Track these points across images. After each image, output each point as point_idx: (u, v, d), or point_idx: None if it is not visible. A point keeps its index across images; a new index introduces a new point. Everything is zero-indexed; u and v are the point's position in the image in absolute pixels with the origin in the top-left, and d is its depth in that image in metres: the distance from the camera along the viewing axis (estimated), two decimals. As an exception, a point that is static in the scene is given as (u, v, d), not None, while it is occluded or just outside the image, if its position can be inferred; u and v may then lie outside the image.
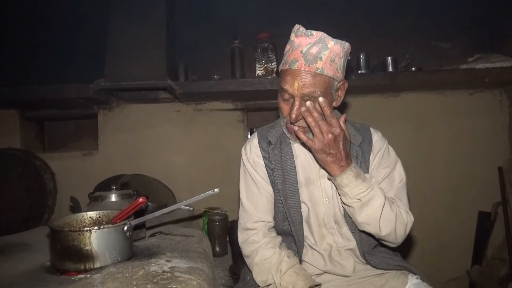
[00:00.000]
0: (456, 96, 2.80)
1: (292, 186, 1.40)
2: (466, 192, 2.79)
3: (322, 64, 1.23)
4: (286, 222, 1.42)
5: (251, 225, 1.43)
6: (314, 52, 1.23)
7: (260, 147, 1.48)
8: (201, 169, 2.78)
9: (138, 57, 2.40)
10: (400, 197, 1.40)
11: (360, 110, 2.75)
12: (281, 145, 1.45)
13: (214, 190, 1.32)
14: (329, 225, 1.41)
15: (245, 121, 2.85)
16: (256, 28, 2.75)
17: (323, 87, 1.26)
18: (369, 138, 1.45)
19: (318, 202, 1.41)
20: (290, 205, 1.39)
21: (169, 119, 2.78)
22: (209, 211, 2.35)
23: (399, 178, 1.42)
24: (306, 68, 1.23)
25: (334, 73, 1.26)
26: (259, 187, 1.46)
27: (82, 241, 1.21)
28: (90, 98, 2.47)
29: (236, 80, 2.54)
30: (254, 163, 1.47)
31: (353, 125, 1.50)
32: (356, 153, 1.40)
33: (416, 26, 2.97)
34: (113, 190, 1.70)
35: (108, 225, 1.26)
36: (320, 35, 1.24)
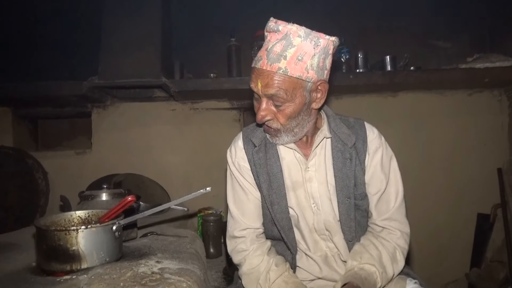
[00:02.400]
0: (456, 96, 2.77)
1: (279, 190, 1.32)
2: (465, 193, 2.77)
3: (286, 64, 1.14)
4: (275, 228, 1.36)
5: (239, 233, 1.37)
6: (278, 50, 1.14)
7: (245, 149, 1.39)
8: (197, 168, 2.74)
9: (133, 54, 2.37)
10: (398, 218, 1.34)
11: (358, 110, 2.72)
12: (266, 147, 1.36)
13: (206, 189, 1.27)
14: (320, 231, 1.34)
15: (242, 120, 2.82)
16: (253, 26, 2.70)
17: (288, 89, 1.17)
18: (363, 136, 1.36)
19: (305, 208, 1.34)
20: (277, 210, 1.32)
21: (164, 118, 2.75)
22: (204, 212, 2.32)
23: (395, 194, 1.35)
24: (268, 67, 1.15)
25: (303, 74, 1.16)
26: (246, 192, 1.38)
27: (68, 241, 1.17)
28: (84, 96, 2.44)
29: (232, 78, 2.51)
30: (240, 167, 1.39)
31: (346, 121, 1.40)
32: (350, 155, 1.32)
33: (415, 25, 2.96)
34: (104, 189, 1.66)
35: (96, 225, 1.22)
36: (287, 31, 1.15)
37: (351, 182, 1.31)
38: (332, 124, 1.36)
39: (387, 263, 1.27)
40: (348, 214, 1.31)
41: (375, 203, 1.35)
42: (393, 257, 1.30)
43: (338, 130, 1.35)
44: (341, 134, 1.34)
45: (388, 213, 1.34)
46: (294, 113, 1.22)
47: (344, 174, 1.32)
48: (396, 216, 1.34)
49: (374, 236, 1.34)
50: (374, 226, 1.37)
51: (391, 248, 1.30)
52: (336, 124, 1.36)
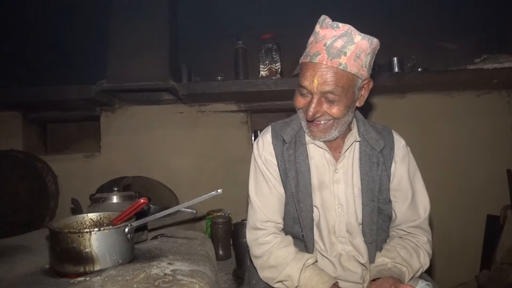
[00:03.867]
0: (463, 97, 2.76)
1: (305, 189, 1.33)
2: (474, 195, 2.74)
3: (346, 60, 1.17)
4: (296, 225, 1.37)
5: (261, 225, 1.36)
6: (339, 46, 1.17)
7: (274, 144, 1.40)
8: (204, 171, 2.75)
9: (141, 58, 2.38)
10: (424, 227, 1.38)
11: (365, 112, 2.71)
12: (296, 144, 1.38)
13: (217, 191, 1.29)
14: (340, 233, 1.35)
15: (249, 122, 2.83)
16: (260, 29, 2.72)
17: (345, 85, 1.20)
18: (391, 144, 1.38)
19: (329, 208, 1.35)
20: (302, 208, 1.33)
21: (172, 121, 2.76)
22: (213, 214, 2.32)
23: (423, 204, 1.39)
24: (328, 62, 1.17)
25: (358, 70, 1.20)
26: (270, 186, 1.39)
27: (81, 243, 1.18)
28: (92, 100, 2.46)
29: (239, 81, 2.52)
30: (266, 160, 1.40)
31: (374, 127, 1.43)
32: (378, 160, 1.34)
33: (422, 26, 2.94)
34: (115, 192, 1.67)
35: (108, 227, 1.24)
36: (347, 28, 1.18)
37: (376, 186, 1.33)
38: (362, 128, 1.39)
39: (415, 266, 1.30)
40: (371, 217, 1.33)
41: (403, 211, 1.38)
42: (423, 262, 1.33)
43: (367, 135, 1.38)
44: (370, 139, 1.37)
45: (416, 221, 1.37)
46: (346, 109, 1.25)
47: (370, 178, 1.34)
48: (423, 225, 1.38)
49: (403, 240, 1.36)
50: (399, 231, 1.40)
51: (419, 251, 1.34)
52: (366, 129, 1.39)
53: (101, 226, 1.38)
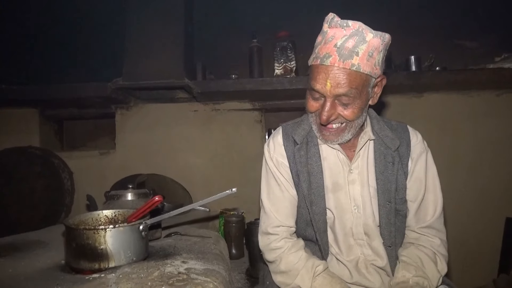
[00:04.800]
0: (483, 96, 2.70)
1: (318, 191, 1.31)
2: (492, 197, 2.69)
3: (359, 60, 1.12)
4: (309, 228, 1.35)
5: (272, 230, 1.35)
6: (350, 46, 1.11)
7: (285, 146, 1.38)
8: (218, 169, 2.75)
9: (156, 55, 2.39)
10: (437, 226, 1.33)
11: (381, 111, 2.68)
12: (308, 145, 1.35)
13: (232, 190, 1.26)
14: (358, 235, 1.31)
15: (263, 121, 2.82)
16: (275, 27, 2.71)
17: (359, 86, 1.16)
18: (407, 140, 1.34)
19: (345, 210, 1.32)
20: (314, 211, 1.31)
21: (186, 119, 2.77)
22: (226, 212, 2.32)
23: (435, 202, 1.34)
24: (340, 64, 1.12)
25: (372, 70, 1.15)
26: (282, 189, 1.37)
27: (97, 239, 1.19)
28: (108, 97, 2.48)
29: (254, 79, 2.51)
30: (278, 163, 1.38)
31: (389, 124, 1.39)
32: (393, 159, 1.31)
33: (440, 24, 2.89)
34: (129, 189, 1.68)
35: (123, 224, 1.24)
36: (358, 26, 1.12)
37: (393, 186, 1.30)
38: (376, 126, 1.36)
39: (434, 277, 1.26)
40: (388, 219, 1.29)
41: (415, 210, 1.34)
42: (441, 269, 1.29)
43: (381, 133, 1.34)
44: (385, 137, 1.33)
45: (428, 221, 1.32)
46: (360, 110, 1.22)
47: (385, 178, 1.31)
48: (435, 225, 1.33)
49: (418, 249, 1.31)
50: (411, 233, 1.36)
51: (436, 259, 1.29)
52: (380, 127, 1.35)
53: (116, 223, 1.38)
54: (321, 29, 1.24)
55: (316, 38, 1.28)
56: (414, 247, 1.31)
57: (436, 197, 1.35)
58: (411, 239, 1.34)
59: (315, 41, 1.25)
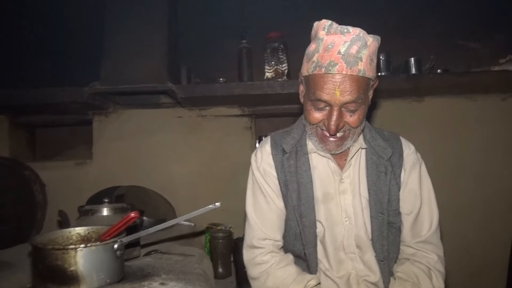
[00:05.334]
0: (487, 101, 2.71)
1: (308, 202, 1.33)
2: (499, 208, 2.69)
3: (363, 65, 1.17)
4: (298, 242, 1.35)
5: (258, 243, 1.36)
6: (354, 52, 1.16)
7: (273, 155, 1.41)
8: (205, 180, 2.73)
9: (137, 58, 2.38)
10: (434, 241, 1.35)
11: (379, 116, 2.68)
12: (297, 154, 1.38)
13: (215, 204, 1.25)
14: (349, 249, 1.32)
15: (253, 128, 2.81)
16: (266, 27, 2.71)
17: (365, 91, 1.21)
18: (399, 151, 1.39)
19: (336, 222, 1.33)
20: (304, 223, 1.32)
21: (170, 126, 2.75)
22: (212, 228, 2.30)
23: (431, 216, 1.36)
24: (348, 71, 1.16)
25: (373, 73, 1.21)
26: (268, 200, 1.39)
27: (66, 260, 1.16)
28: (85, 103, 2.46)
29: (243, 83, 2.50)
30: (265, 172, 1.41)
31: (381, 133, 1.43)
32: (385, 169, 1.34)
33: (442, 24, 2.91)
34: (105, 203, 1.66)
35: (96, 243, 1.21)
36: (358, 32, 1.17)
37: (385, 197, 1.33)
38: (368, 135, 1.39)
39: None
40: (380, 231, 1.32)
41: (410, 223, 1.37)
42: (437, 286, 1.31)
43: (373, 142, 1.38)
44: (377, 146, 1.37)
45: (424, 235, 1.35)
46: (364, 115, 1.27)
47: (378, 188, 1.33)
48: (432, 239, 1.36)
49: (413, 264, 1.32)
50: (406, 248, 1.38)
51: (431, 275, 1.31)
52: (372, 136, 1.39)
53: (88, 242, 1.35)
54: (311, 35, 1.27)
55: (310, 39, 1.29)
56: (410, 263, 1.32)
57: (432, 210, 1.38)
58: (406, 254, 1.36)
59: (308, 43, 1.28)
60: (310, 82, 1.23)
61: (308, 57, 1.24)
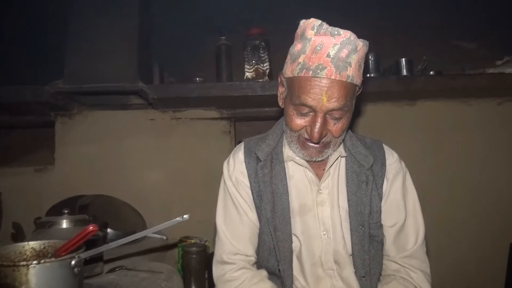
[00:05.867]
0: (483, 105, 2.77)
1: (283, 214, 1.33)
2: (495, 220, 2.74)
3: (352, 71, 1.17)
4: (272, 258, 1.35)
5: (228, 258, 1.36)
6: (344, 56, 1.16)
7: (246, 163, 1.42)
8: (179, 189, 2.72)
9: (104, 54, 2.37)
10: (420, 256, 1.37)
11: (368, 121, 2.72)
12: (272, 162, 1.39)
13: (183, 217, 1.24)
14: (327, 265, 1.33)
15: (232, 132, 2.81)
16: (247, 23, 2.72)
17: (351, 98, 1.22)
18: (381, 159, 1.41)
19: (314, 236, 1.34)
20: (279, 237, 1.32)
21: (142, 129, 2.73)
22: (185, 241, 2.29)
23: (416, 228, 1.38)
24: (337, 76, 1.16)
25: (360, 80, 1.23)
26: (240, 212, 1.39)
27: (17, 278, 1.14)
28: (46, 103, 2.43)
29: (221, 84, 2.50)
30: (237, 181, 1.41)
31: (362, 141, 1.45)
32: (367, 178, 1.35)
33: (435, 22, 2.96)
34: (65, 215, 1.63)
35: (50, 259, 1.20)
36: (349, 35, 1.17)
37: (366, 208, 1.34)
38: (348, 142, 1.41)
39: None
40: (361, 245, 1.32)
41: (393, 237, 1.38)
42: None
43: (354, 150, 1.40)
44: (358, 154, 1.38)
45: (409, 250, 1.36)
46: (348, 124, 1.28)
47: (358, 199, 1.34)
48: (417, 254, 1.37)
49: (399, 283, 1.33)
50: (390, 264, 1.39)
51: None
52: (353, 143, 1.41)
53: (43, 258, 1.34)
54: (297, 33, 1.27)
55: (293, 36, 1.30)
56: (396, 282, 1.33)
57: (417, 223, 1.39)
58: (391, 270, 1.37)
59: (292, 41, 1.28)
60: (295, 85, 1.23)
61: (292, 58, 1.24)
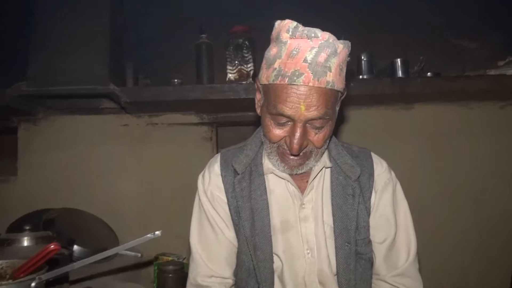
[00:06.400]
0: (484, 109, 2.81)
1: (263, 232, 1.33)
2: (498, 232, 2.77)
3: (332, 76, 1.16)
4: (252, 280, 1.35)
5: (203, 281, 1.36)
6: (322, 61, 1.14)
7: (223, 176, 1.42)
8: (156, 201, 2.73)
9: (73, 54, 2.35)
10: (412, 274, 1.38)
11: (362, 127, 2.74)
12: (251, 175, 1.38)
13: (154, 233, 1.27)
14: (312, 286, 1.33)
15: (214, 138, 2.82)
16: (230, 20, 2.73)
17: (333, 106, 1.22)
18: (369, 169, 1.41)
19: (297, 255, 1.34)
20: (259, 257, 1.32)
21: (114, 136, 2.74)
22: (161, 259, 2.28)
23: (408, 244, 1.39)
24: (315, 83, 1.14)
25: (342, 85, 1.22)
26: (216, 231, 1.39)
27: (-30, 303, 1.14)
28: (8, 107, 2.42)
29: (200, 86, 2.50)
30: (213, 197, 1.41)
31: (349, 149, 1.46)
32: (353, 191, 1.36)
33: (433, 20, 2.99)
34: (26, 232, 1.63)
35: (8, 281, 1.20)
36: (327, 37, 1.15)
37: (353, 223, 1.34)
38: (333, 152, 1.41)
39: None
40: (347, 264, 1.32)
41: (383, 254, 1.39)
42: None
43: (339, 159, 1.40)
44: (343, 165, 1.38)
45: (400, 268, 1.37)
46: (331, 133, 1.28)
47: (344, 213, 1.34)
48: (410, 272, 1.38)
49: None
50: (381, 283, 1.39)
51: None
52: (338, 152, 1.41)
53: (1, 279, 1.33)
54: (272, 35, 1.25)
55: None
56: None
57: (409, 238, 1.40)
58: None
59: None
60: (271, 92, 1.22)
61: (268, 63, 1.22)
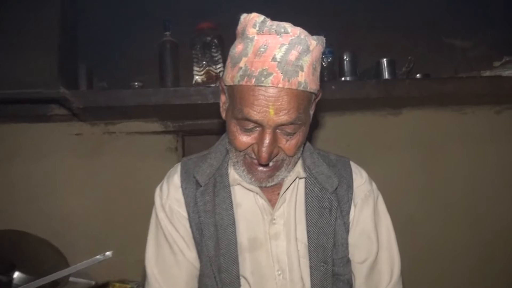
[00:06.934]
0: (479, 113, 2.84)
1: (229, 251, 1.31)
2: (497, 245, 2.79)
3: (305, 76, 1.14)
4: None
5: None
6: (293, 59, 1.12)
7: (183, 188, 1.39)
8: (113, 220, 2.69)
9: (16, 53, 2.30)
10: None
11: (345, 134, 2.75)
12: (215, 187, 1.36)
13: (105, 254, 1.26)
14: None
15: (180, 149, 2.81)
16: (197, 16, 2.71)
17: (306, 109, 1.20)
18: (348, 180, 1.41)
19: (267, 277, 1.32)
20: (224, 280, 1.30)
21: (65, 146, 2.70)
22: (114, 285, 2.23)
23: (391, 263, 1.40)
24: (286, 84, 1.11)
25: (316, 86, 1.20)
26: (175, 251, 1.36)
27: None
28: None
29: (163, 89, 2.46)
30: (172, 212, 1.38)
31: (326, 158, 1.45)
32: (330, 204, 1.35)
33: (423, 17, 3.01)
34: (-47, 257, 1.56)
35: None
36: (299, 32, 1.13)
37: (329, 241, 1.34)
38: (308, 160, 1.41)
39: None
40: (323, 286, 1.32)
41: (364, 274, 1.39)
42: None
43: (315, 169, 1.39)
44: (319, 175, 1.38)
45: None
46: (304, 139, 1.26)
47: (320, 230, 1.34)
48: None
49: None
50: None
51: None
52: (314, 161, 1.41)
53: None
54: (237, 31, 1.23)
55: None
56: None
57: (392, 257, 1.40)
58: None
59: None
60: (236, 95, 1.19)
61: (233, 61, 1.19)
